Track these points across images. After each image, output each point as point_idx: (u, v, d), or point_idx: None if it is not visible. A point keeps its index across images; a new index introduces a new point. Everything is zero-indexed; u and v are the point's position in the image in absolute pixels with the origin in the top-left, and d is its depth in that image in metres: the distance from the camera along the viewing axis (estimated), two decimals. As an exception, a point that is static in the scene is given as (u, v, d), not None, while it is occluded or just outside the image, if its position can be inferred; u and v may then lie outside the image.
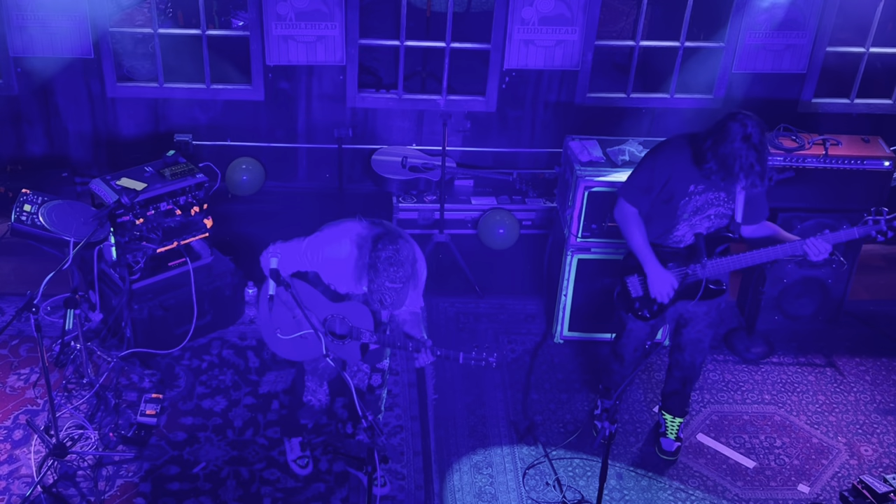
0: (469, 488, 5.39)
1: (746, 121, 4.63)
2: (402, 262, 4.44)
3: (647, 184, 4.96)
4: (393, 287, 4.46)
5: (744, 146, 4.59)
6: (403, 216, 7.22)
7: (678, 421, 5.57)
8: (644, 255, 5.03)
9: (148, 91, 7.11)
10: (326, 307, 4.77)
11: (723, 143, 4.63)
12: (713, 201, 4.92)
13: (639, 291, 5.17)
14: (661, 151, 4.99)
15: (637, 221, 5.02)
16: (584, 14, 6.93)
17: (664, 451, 5.57)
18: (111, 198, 5.75)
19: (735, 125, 4.62)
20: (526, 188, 7.40)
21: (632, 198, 5.03)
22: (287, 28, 6.87)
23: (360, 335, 4.73)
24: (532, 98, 7.30)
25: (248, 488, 5.27)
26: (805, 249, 4.78)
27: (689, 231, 5.00)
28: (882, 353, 6.47)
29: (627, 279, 5.19)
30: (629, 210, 5.03)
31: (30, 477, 5.22)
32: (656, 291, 5.03)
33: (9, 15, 6.67)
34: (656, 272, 5.01)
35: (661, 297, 5.03)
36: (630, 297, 5.20)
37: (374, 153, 7.38)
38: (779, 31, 7.06)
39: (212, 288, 6.16)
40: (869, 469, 5.63)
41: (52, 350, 5.92)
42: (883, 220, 4.75)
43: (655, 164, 4.96)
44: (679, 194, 4.91)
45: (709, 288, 5.01)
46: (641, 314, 5.19)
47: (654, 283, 5.03)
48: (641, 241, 5.03)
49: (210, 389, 5.87)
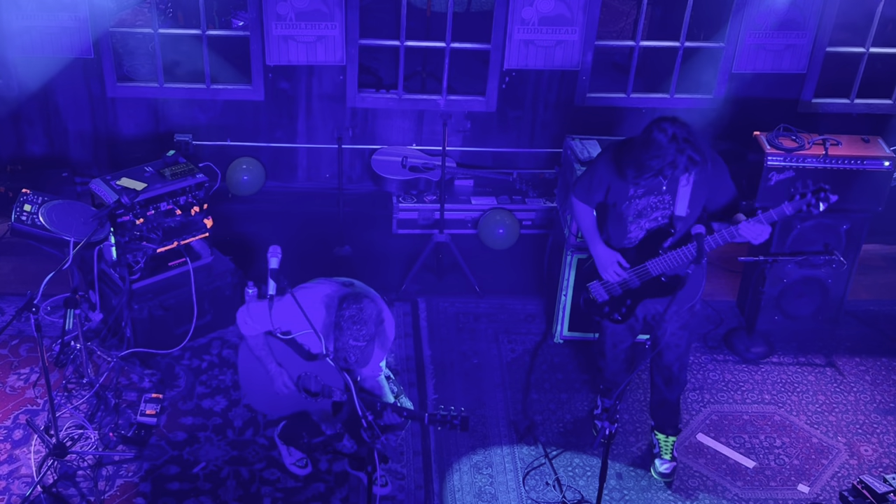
0: (469, 488, 5.39)
1: (664, 125, 4.57)
2: (366, 321, 4.54)
3: (590, 186, 5.06)
4: (356, 345, 4.57)
5: (672, 146, 4.53)
6: (403, 216, 7.23)
7: (671, 440, 5.50)
8: (589, 238, 5.14)
9: (148, 91, 7.11)
10: (300, 365, 4.91)
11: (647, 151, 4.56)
12: (656, 205, 4.90)
13: (604, 296, 5.19)
14: (601, 158, 5.05)
15: (585, 211, 5.13)
16: (584, 14, 6.93)
17: (659, 472, 5.47)
18: (111, 198, 5.75)
19: (659, 135, 4.55)
20: (526, 188, 7.40)
21: (580, 195, 5.14)
22: (287, 28, 6.87)
23: (332, 393, 4.85)
24: (532, 98, 7.30)
25: (248, 488, 5.27)
26: (742, 234, 4.72)
27: (640, 231, 5.01)
28: (882, 353, 6.47)
29: (590, 286, 5.23)
30: (578, 203, 5.16)
31: (30, 477, 5.22)
32: (603, 271, 5.08)
33: (9, 15, 6.67)
34: (600, 252, 5.08)
35: (610, 276, 5.06)
36: (597, 302, 5.23)
37: (374, 153, 7.38)
38: (779, 31, 7.06)
39: (212, 288, 6.16)
40: (869, 469, 5.62)
41: (52, 350, 5.93)
42: (809, 193, 4.70)
43: (595, 170, 5.04)
44: (620, 197, 4.95)
45: (660, 282, 5.00)
46: (613, 317, 5.22)
47: (600, 264, 5.09)
48: (586, 226, 5.15)
49: (210, 389, 5.87)
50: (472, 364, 6.22)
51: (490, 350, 6.34)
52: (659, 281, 5.00)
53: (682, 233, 4.91)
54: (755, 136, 6.21)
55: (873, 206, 6.17)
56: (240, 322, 4.92)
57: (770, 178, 6.07)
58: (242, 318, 4.89)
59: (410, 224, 7.26)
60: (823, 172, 6.05)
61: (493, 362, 6.24)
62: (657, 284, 5.02)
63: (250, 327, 4.88)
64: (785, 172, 6.05)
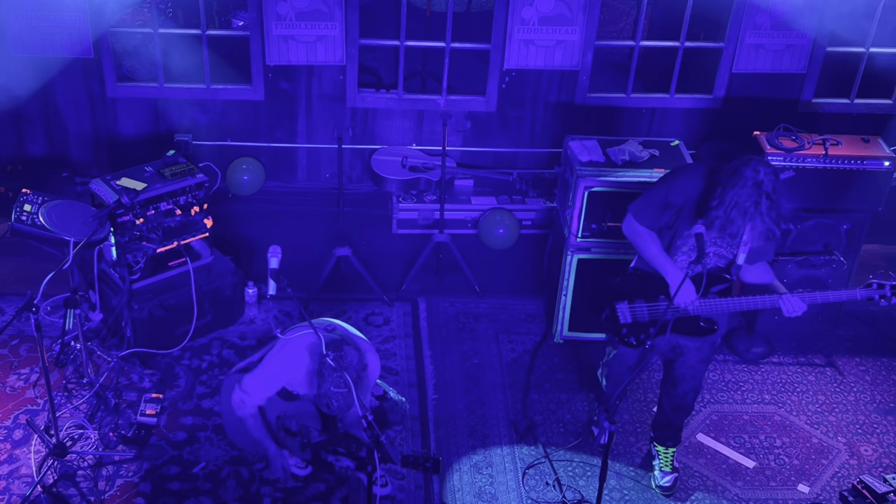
0: (469, 488, 5.39)
1: (759, 167, 4.44)
2: (347, 368, 4.62)
3: (661, 206, 4.79)
4: (338, 392, 4.63)
5: (755, 192, 4.41)
6: (403, 216, 7.22)
7: (671, 451, 5.46)
8: (664, 266, 4.86)
9: (148, 91, 7.11)
10: (279, 405, 4.98)
11: (732, 189, 4.44)
12: (716, 240, 4.78)
13: (627, 318, 5.08)
14: (680, 176, 4.82)
15: (651, 236, 4.86)
16: (584, 14, 6.93)
17: (660, 485, 5.42)
18: (111, 198, 5.75)
19: (748, 171, 4.43)
20: (526, 188, 7.40)
21: (643, 218, 4.85)
22: (287, 28, 6.87)
23: (310, 434, 4.94)
24: (532, 98, 7.30)
25: (248, 488, 5.27)
26: (779, 304, 4.70)
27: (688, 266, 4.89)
28: (882, 353, 6.47)
29: (618, 305, 5.09)
30: (640, 229, 4.87)
31: (30, 477, 5.22)
32: (681, 300, 4.84)
33: (9, 15, 6.67)
34: (679, 280, 4.82)
35: (688, 306, 4.84)
36: (618, 322, 5.11)
37: (374, 153, 7.38)
38: (779, 31, 7.06)
39: (212, 288, 6.16)
40: (869, 469, 5.63)
41: (52, 350, 5.92)
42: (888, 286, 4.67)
43: (671, 188, 4.78)
44: (685, 224, 4.77)
45: (699, 325, 4.91)
46: (628, 341, 5.11)
47: (681, 289, 4.81)
48: (657, 252, 4.85)
49: (210, 389, 5.87)
50: (472, 364, 6.22)
51: (490, 350, 6.34)
52: (695, 322, 4.88)
53: (735, 280, 4.82)
54: (755, 136, 6.21)
55: (873, 206, 6.17)
56: (236, 405, 4.98)
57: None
58: (239, 399, 4.96)
59: (410, 224, 7.26)
60: (823, 172, 6.05)
61: (493, 362, 6.24)
62: (691, 324, 4.90)
63: (248, 406, 4.96)
64: (785, 172, 6.04)
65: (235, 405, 4.99)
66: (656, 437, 5.49)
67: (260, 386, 4.93)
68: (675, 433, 5.43)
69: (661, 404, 5.41)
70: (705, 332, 4.96)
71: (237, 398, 4.97)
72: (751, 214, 4.45)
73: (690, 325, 4.94)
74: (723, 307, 4.82)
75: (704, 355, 5.14)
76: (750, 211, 4.44)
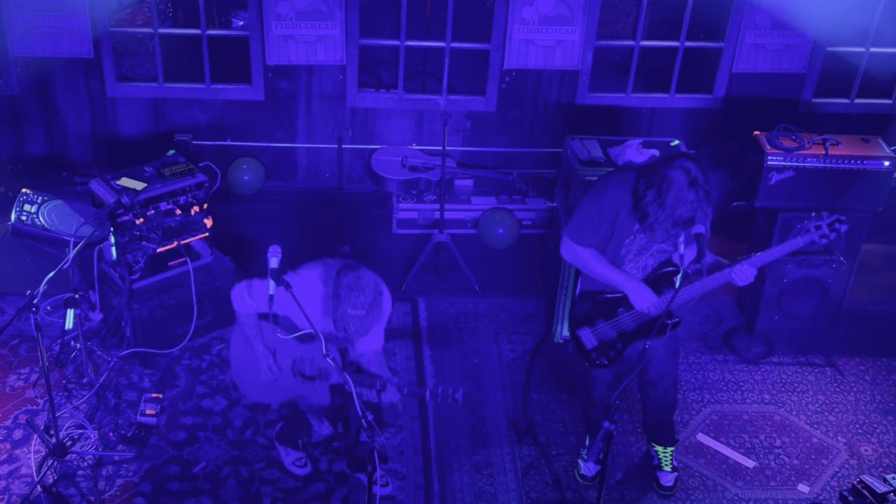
0: (469, 488, 5.39)
1: (687, 164, 4.46)
2: (363, 289, 4.52)
3: (596, 222, 4.77)
4: (355, 314, 4.51)
5: (691, 192, 4.42)
6: (403, 216, 7.22)
7: (670, 450, 5.45)
8: (616, 279, 4.82)
9: (148, 91, 7.11)
10: (295, 349, 4.88)
11: (667, 193, 4.45)
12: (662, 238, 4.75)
13: (593, 342, 5.05)
14: (608, 189, 4.79)
15: (593, 254, 4.82)
16: (585, 14, 6.93)
17: (663, 486, 5.41)
18: (111, 198, 5.75)
19: (677, 173, 4.44)
20: (526, 188, 7.40)
21: (581, 238, 4.81)
22: (287, 28, 6.87)
23: (329, 375, 4.82)
24: (532, 98, 7.30)
25: (248, 488, 5.27)
26: (732, 277, 4.69)
27: (638, 272, 4.87)
28: (882, 353, 6.47)
29: (579, 332, 5.06)
30: (580, 250, 4.84)
31: (30, 477, 5.22)
32: (642, 306, 4.83)
33: (9, 15, 6.67)
34: (635, 288, 4.81)
35: (650, 309, 4.83)
36: (585, 349, 5.09)
37: (374, 153, 7.38)
38: (779, 31, 7.06)
39: (212, 288, 6.16)
40: (869, 469, 5.62)
41: (52, 350, 5.93)
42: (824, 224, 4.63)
43: (602, 203, 4.76)
44: (623, 232, 4.75)
45: (664, 323, 4.84)
46: (599, 363, 5.09)
47: (637, 299, 4.82)
48: (604, 267, 4.82)
49: (210, 389, 5.87)
50: (472, 364, 6.22)
51: (490, 350, 6.34)
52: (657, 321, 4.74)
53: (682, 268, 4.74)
54: (755, 135, 6.21)
55: (873, 206, 6.17)
56: (235, 298, 4.83)
57: (770, 178, 6.07)
58: (240, 293, 4.80)
59: (410, 224, 7.26)
60: (823, 172, 6.05)
61: (493, 362, 6.24)
62: (653, 325, 4.79)
63: (247, 305, 4.80)
64: (785, 172, 6.05)
65: (236, 299, 4.81)
66: (652, 438, 5.49)
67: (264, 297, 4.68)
68: (668, 431, 5.43)
69: (646, 407, 5.40)
70: (671, 328, 4.90)
71: (241, 293, 4.79)
72: (694, 210, 4.46)
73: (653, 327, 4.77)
74: (680, 298, 4.72)
75: (672, 349, 5.15)
76: (694, 205, 4.46)
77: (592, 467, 5.42)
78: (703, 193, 4.47)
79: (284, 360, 4.92)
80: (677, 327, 4.94)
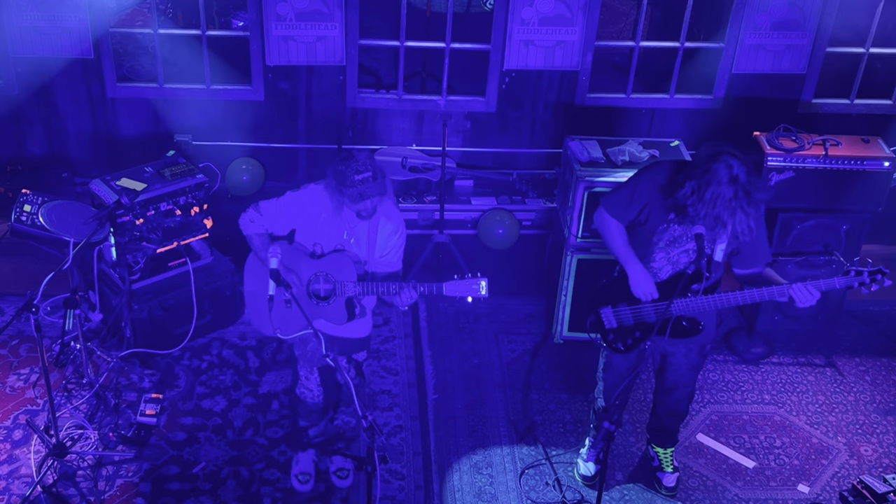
0: (469, 488, 5.39)
1: (732, 161, 4.42)
2: (358, 157, 4.55)
3: (629, 200, 4.81)
4: (362, 177, 4.52)
5: (731, 189, 4.38)
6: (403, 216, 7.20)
7: (670, 451, 5.45)
8: (626, 257, 4.87)
9: (148, 91, 7.11)
10: (309, 266, 4.81)
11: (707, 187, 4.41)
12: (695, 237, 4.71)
13: (612, 323, 5.01)
14: (646, 173, 4.84)
15: (618, 228, 4.88)
16: (584, 14, 6.93)
17: (665, 487, 5.41)
18: (111, 198, 5.75)
19: (720, 167, 4.42)
20: (526, 188, 7.40)
21: (613, 210, 4.88)
22: (287, 28, 6.87)
23: (345, 288, 4.75)
24: (532, 98, 7.30)
25: (248, 488, 5.27)
26: (791, 294, 4.59)
27: (668, 264, 4.84)
28: (882, 353, 6.47)
29: (602, 310, 5.03)
30: (610, 220, 4.89)
31: (30, 477, 5.22)
32: (638, 291, 4.86)
33: (9, 15, 6.67)
34: (637, 272, 4.84)
35: (644, 296, 4.85)
36: (604, 328, 5.06)
37: (374, 153, 7.38)
38: (779, 31, 7.06)
39: (212, 288, 6.16)
40: (869, 469, 5.63)
41: (52, 350, 5.93)
42: (866, 273, 4.64)
43: (638, 183, 4.81)
44: (656, 219, 4.76)
45: (681, 325, 4.85)
46: (615, 346, 5.05)
47: (635, 284, 4.85)
48: (622, 244, 4.87)
49: (210, 389, 5.87)
50: (472, 364, 6.22)
51: (490, 350, 6.34)
52: (678, 322, 4.81)
53: (715, 279, 4.77)
54: (755, 136, 6.21)
55: (873, 207, 6.17)
56: (244, 224, 4.85)
57: (770, 179, 6.08)
58: (247, 216, 4.83)
59: (410, 224, 7.23)
60: (823, 173, 6.05)
61: (493, 362, 6.24)
62: (674, 325, 4.82)
63: (258, 224, 4.82)
64: (785, 173, 6.05)
65: (244, 223, 4.85)
66: (653, 439, 5.49)
67: (274, 210, 4.78)
68: (671, 436, 5.43)
69: (656, 410, 5.40)
70: (689, 333, 4.88)
71: (248, 216, 4.83)
72: (733, 209, 4.41)
73: (674, 327, 4.83)
74: (708, 305, 4.72)
75: (693, 363, 5.09)
76: (732, 205, 4.40)
77: (592, 467, 5.42)
78: (742, 192, 4.39)
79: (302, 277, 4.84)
80: (695, 335, 4.87)
